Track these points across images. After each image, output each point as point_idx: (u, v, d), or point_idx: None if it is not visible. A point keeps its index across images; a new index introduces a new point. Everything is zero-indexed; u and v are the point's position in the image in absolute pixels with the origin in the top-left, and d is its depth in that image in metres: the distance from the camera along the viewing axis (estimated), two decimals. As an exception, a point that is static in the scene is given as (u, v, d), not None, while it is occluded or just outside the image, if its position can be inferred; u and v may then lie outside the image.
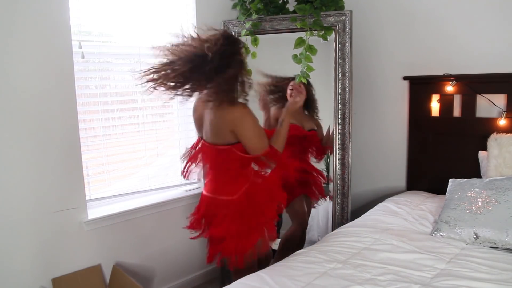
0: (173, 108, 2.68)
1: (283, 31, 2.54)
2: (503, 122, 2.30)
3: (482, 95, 2.37)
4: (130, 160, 2.50)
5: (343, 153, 2.46)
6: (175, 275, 2.67)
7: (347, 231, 2.01)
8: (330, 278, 1.52)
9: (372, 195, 2.87)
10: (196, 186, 2.77)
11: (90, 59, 2.26)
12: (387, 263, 1.64)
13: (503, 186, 1.92)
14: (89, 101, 2.29)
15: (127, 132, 2.46)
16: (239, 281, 1.56)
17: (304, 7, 2.39)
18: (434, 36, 2.53)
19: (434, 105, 2.55)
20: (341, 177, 2.48)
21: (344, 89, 2.41)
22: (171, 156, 2.68)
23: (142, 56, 2.45)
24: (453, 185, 2.11)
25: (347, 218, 2.48)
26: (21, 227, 1.99)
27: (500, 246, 1.77)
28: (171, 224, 2.61)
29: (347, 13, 2.37)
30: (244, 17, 2.61)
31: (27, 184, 1.99)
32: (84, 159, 2.20)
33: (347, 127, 2.43)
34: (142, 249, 2.48)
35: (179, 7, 2.59)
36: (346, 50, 2.39)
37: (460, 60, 2.45)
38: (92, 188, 2.30)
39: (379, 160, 2.85)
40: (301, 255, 1.76)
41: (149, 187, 2.55)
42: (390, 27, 2.70)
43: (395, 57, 2.70)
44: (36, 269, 2.07)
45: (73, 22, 2.09)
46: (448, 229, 1.89)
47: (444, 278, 1.51)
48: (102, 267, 2.30)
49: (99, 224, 2.26)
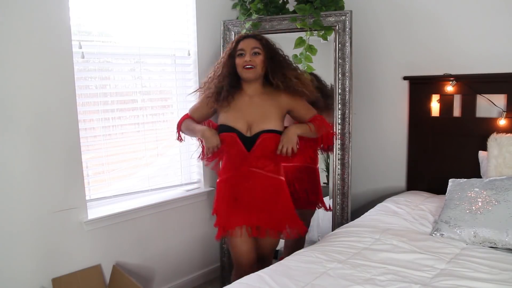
0: (173, 108, 2.69)
1: (283, 31, 2.54)
2: (503, 122, 2.30)
3: (482, 95, 2.37)
4: (130, 160, 2.50)
5: (343, 153, 2.46)
6: (175, 275, 2.67)
7: (347, 231, 2.01)
8: (330, 278, 1.52)
9: (372, 195, 2.87)
10: (196, 186, 2.77)
11: (90, 59, 2.26)
12: (387, 263, 1.64)
13: (503, 186, 1.92)
14: (89, 101, 2.29)
15: (127, 132, 2.46)
16: (239, 281, 1.56)
17: (304, 7, 2.39)
18: (434, 36, 2.53)
19: (434, 105, 2.55)
20: (341, 177, 2.47)
21: (344, 89, 2.41)
22: (171, 156, 2.68)
23: (142, 56, 2.45)
24: (453, 185, 2.11)
25: (347, 218, 2.48)
26: (21, 227, 1.99)
27: (500, 246, 1.77)
28: (171, 224, 2.61)
29: (347, 13, 2.37)
30: (244, 17, 2.61)
31: (27, 184, 1.99)
32: (84, 159, 2.20)
33: (347, 127, 2.43)
34: (142, 249, 2.48)
35: (179, 7, 2.59)
36: (346, 50, 2.39)
37: (460, 60, 2.45)
38: (92, 188, 2.30)
39: (379, 160, 2.85)
40: (301, 255, 1.76)
41: (149, 187, 2.55)
42: (390, 27, 2.70)
43: (395, 57, 2.70)
44: (36, 269, 2.07)
45: (73, 22, 2.09)
46: (448, 229, 1.89)
47: (444, 278, 1.51)
48: (102, 267, 2.30)
49: (99, 224, 2.26)
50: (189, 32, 2.64)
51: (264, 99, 2.01)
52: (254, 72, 1.95)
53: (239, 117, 1.99)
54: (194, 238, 2.75)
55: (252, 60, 1.94)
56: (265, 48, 1.98)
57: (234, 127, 1.97)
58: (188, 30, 2.64)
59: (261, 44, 1.98)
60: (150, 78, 2.57)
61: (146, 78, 2.52)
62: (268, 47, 1.99)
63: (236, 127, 1.97)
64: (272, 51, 2.00)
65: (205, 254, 2.84)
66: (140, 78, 2.47)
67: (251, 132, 1.97)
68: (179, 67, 2.64)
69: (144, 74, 2.51)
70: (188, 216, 2.70)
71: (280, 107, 2.01)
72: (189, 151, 2.74)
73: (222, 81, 2.00)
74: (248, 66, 1.93)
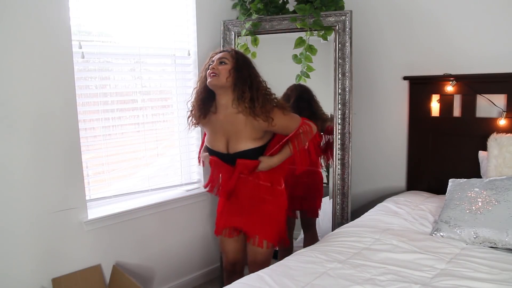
0: (173, 108, 2.69)
1: (283, 31, 2.54)
2: (503, 122, 2.30)
3: (482, 95, 2.37)
4: (130, 160, 2.50)
5: (343, 153, 2.46)
6: (175, 275, 2.68)
7: (347, 231, 2.01)
8: (330, 278, 1.52)
9: (372, 195, 2.87)
10: (196, 186, 2.77)
11: (90, 59, 2.26)
12: (387, 263, 1.64)
13: (503, 186, 1.92)
14: (89, 101, 2.29)
15: (127, 132, 2.46)
16: (239, 281, 1.56)
17: (304, 7, 2.39)
18: (434, 36, 2.53)
19: (434, 105, 2.55)
20: (341, 177, 2.47)
21: (344, 89, 2.41)
22: (171, 156, 2.69)
23: (142, 56, 2.46)
24: (453, 185, 2.11)
25: (347, 218, 2.48)
26: (21, 227, 1.99)
27: (500, 246, 1.77)
28: (171, 224, 2.62)
29: (347, 13, 2.37)
30: (244, 17, 2.61)
31: (27, 184, 1.99)
32: (84, 159, 2.20)
33: (347, 127, 2.43)
34: (142, 249, 2.49)
35: (179, 7, 2.59)
36: (346, 50, 2.39)
37: (460, 60, 2.45)
38: (92, 188, 2.30)
39: (379, 160, 2.85)
40: (301, 255, 1.76)
41: (149, 187, 2.55)
42: (390, 27, 2.70)
43: (395, 57, 2.70)
44: (36, 269, 2.07)
45: (73, 22, 2.09)
46: (448, 229, 1.89)
47: (444, 278, 1.51)
48: (102, 267, 2.30)
49: (99, 224, 2.26)
50: (189, 32, 2.64)
51: (237, 114, 1.95)
52: (217, 79, 1.91)
53: (217, 133, 2.01)
54: (194, 238, 2.75)
55: (216, 68, 1.93)
56: (234, 59, 1.95)
57: (213, 149, 2.03)
58: (188, 30, 2.64)
59: (230, 55, 1.96)
60: (150, 78, 2.57)
61: (146, 78, 2.52)
62: (238, 60, 1.95)
63: (215, 148, 2.02)
64: (241, 65, 1.95)
65: (205, 254, 2.84)
66: (140, 78, 2.47)
67: (229, 150, 1.99)
68: (179, 67, 2.64)
69: (144, 74, 2.51)
70: (188, 216, 2.70)
71: (254, 127, 1.94)
72: (189, 151, 2.74)
73: (199, 96, 2.03)
74: (212, 73, 1.93)
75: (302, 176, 2.25)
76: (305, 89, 2.51)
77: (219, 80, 1.92)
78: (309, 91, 2.52)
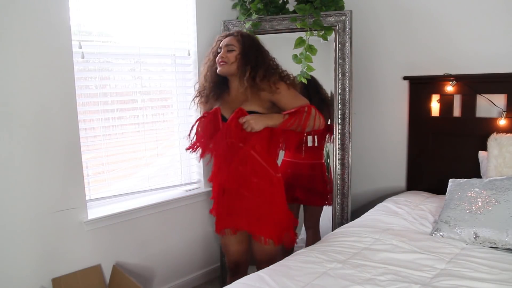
0: (173, 108, 2.69)
1: (283, 31, 2.54)
2: (503, 122, 2.30)
3: (482, 95, 2.37)
4: (130, 160, 2.50)
5: (343, 153, 2.46)
6: (175, 275, 2.68)
7: (347, 231, 2.01)
8: (330, 278, 1.52)
9: (372, 195, 2.88)
10: (196, 186, 2.77)
11: (90, 59, 2.26)
12: (387, 263, 1.64)
13: (503, 186, 1.92)
14: (89, 101, 2.29)
15: (127, 132, 2.46)
16: (239, 281, 1.56)
17: (304, 7, 2.39)
18: (434, 36, 2.53)
19: (434, 105, 2.55)
20: (341, 177, 2.47)
21: (344, 89, 2.41)
22: (171, 156, 2.68)
23: (142, 56, 2.45)
24: (453, 185, 2.11)
25: (347, 218, 2.48)
26: (21, 227, 1.99)
27: (500, 246, 1.77)
28: (171, 224, 2.62)
29: (347, 13, 2.37)
30: (244, 17, 2.61)
31: (27, 184, 1.99)
32: (84, 159, 2.20)
33: (347, 127, 2.43)
34: (142, 249, 2.49)
35: (179, 7, 2.59)
36: (346, 50, 2.39)
37: (460, 60, 2.45)
38: (92, 188, 2.30)
39: (379, 160, 2.85)
40: (301, 255, 1.76)
41: (149, 187, 2.55)
42: (390, 27, 2.70)
43: (395, 57, 2.70)
44: (36, 269, 2.07)
45: (73, 22, 2.09)
46: (448, 229, 1.89)
47: (444, 278, 1.51)
48: (102, 267, 2.30)
49: (99, 224, 2.26)
50: (189, 32, 2.64)
51: (246, 94, 2.02)
52: (227, 67, 2.01)
53: (226, 108, 2.06)
54: (194, 238, 2.75)
55: (225, 56, 2.01)
56: (240, 44, 2.03)
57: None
58: (188, 30, 2.64)
59: (236, 40, 2.04)
60: (150, 78, 2.57)
61: (146, 78, 2.52)
62: (244, 43, 2.03)
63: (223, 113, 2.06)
64: (247, 47, 2.02)
65: (205, 254, 2.84)
66: (140, 78, 2.47)
67: None
68: (179, 67, 2.64)
69: (144, 74, 2.51)
70: (188, 216, 2.70)
71: (261, 99, 2.01)
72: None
73: (210, 80, 2.10)
74: (222, 62, 2.02)
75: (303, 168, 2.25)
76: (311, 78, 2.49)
77: (229, 68, 2.02)
78: (315, 79, 2.51)
